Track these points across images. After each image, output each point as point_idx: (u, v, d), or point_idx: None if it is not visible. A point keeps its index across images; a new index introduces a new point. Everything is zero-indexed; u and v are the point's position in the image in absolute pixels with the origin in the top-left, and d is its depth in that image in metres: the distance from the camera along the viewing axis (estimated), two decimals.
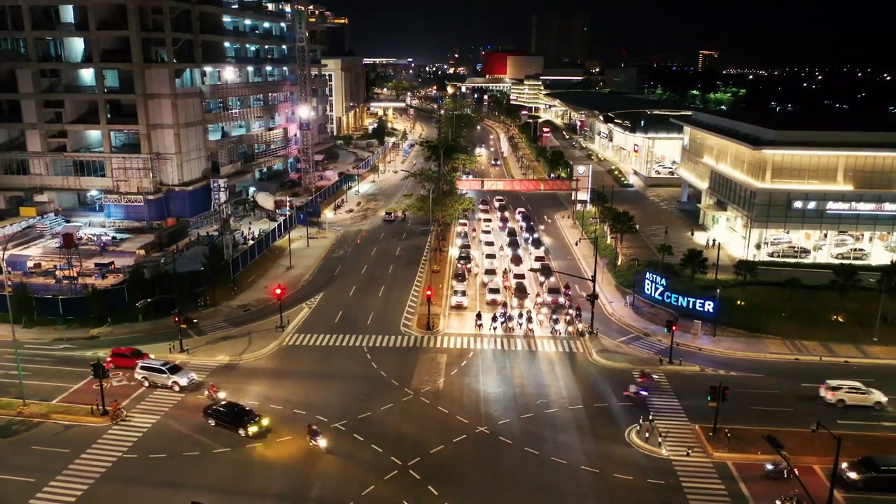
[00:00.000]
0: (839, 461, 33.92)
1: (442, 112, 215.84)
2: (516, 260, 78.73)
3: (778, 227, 78.63)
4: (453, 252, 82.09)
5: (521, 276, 72.72)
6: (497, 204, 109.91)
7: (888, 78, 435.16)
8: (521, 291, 68.32)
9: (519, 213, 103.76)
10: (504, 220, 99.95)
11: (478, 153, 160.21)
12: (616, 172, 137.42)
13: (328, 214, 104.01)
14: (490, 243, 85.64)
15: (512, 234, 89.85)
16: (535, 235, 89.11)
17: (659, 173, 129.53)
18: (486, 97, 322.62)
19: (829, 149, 75.47)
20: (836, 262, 74.12)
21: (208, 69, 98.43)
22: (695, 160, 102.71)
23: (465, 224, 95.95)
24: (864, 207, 75.73)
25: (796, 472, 37.29)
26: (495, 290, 68.70)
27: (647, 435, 43.58)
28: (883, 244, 78.30)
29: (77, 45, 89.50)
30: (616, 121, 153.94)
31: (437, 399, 48.67)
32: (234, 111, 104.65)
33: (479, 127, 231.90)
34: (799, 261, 77.24)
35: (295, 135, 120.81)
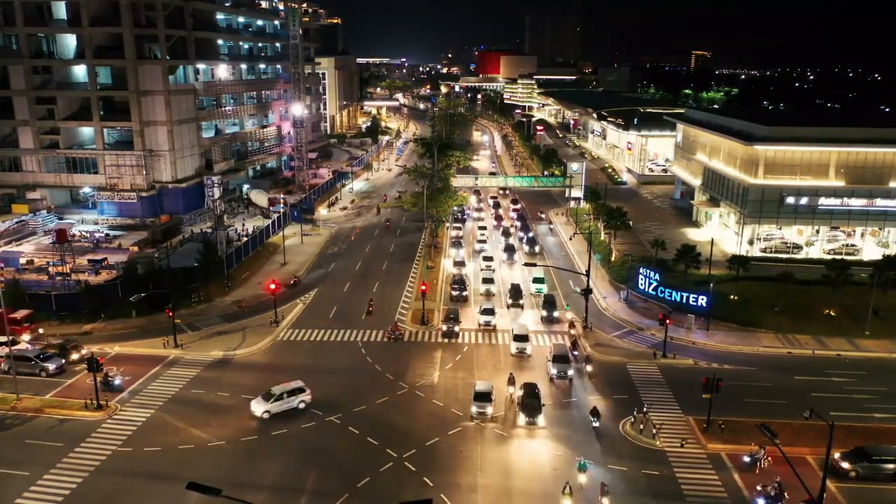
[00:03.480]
0: (831, 451, 34.16)
1: (436, 110, 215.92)
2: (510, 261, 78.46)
3: (770, 223, 79.08)
4: (447, 263, 77.26)
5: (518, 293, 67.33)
6: (491, 202, 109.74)
7: (879, 78, 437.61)
8: (516, 292, 66.35)
9: (513, 210, 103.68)
10: (498, 217, 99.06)
11: (477, 148, 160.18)
12: (610, 170, 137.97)
13: (322, 212, 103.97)
14: (488, 258, 77.70)
15: (510, 249, 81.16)
16: (531, 234, 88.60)
17: (652, 171, 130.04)
18: (479, 96, 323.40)
19: (821, 145, 75.90)
20: (829, 257, 74.60)
21: (201, 66, 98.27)
22: (688, 157, 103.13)
23: (459, 228, 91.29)
24: (856, 203, 76.21)
25: (770, 462, 38.32)
26: (489, 312, 61.53)
27: (641, 427, 43.77)
28: (874, 239, 78.88)
29: (69, 42, 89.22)
30: (609, 119, 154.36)
31: (432, 392, 48.76)
32: (227, 108, 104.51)
33: (473, 127, 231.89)
34: (791, 256, 77.68)
35: (289, 132, 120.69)
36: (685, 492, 37.67)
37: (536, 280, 68.50)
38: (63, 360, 51.76)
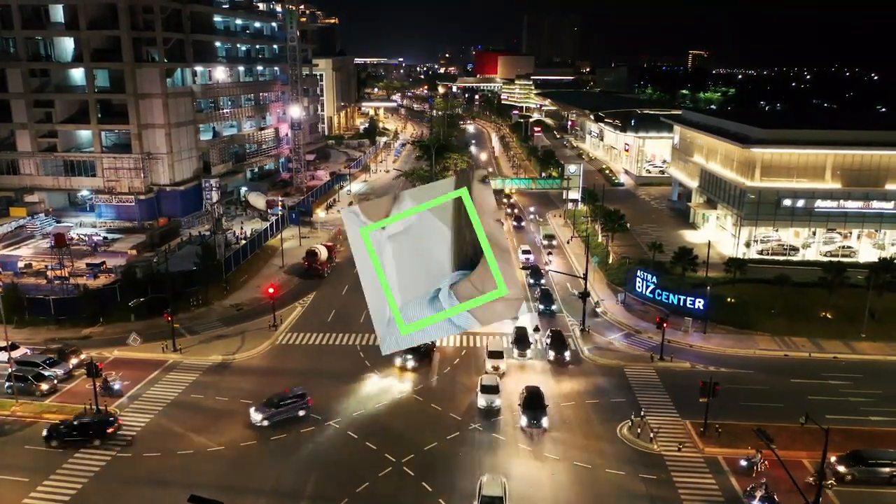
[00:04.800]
0: (827, 455, 34.40)
1: (434, 112, 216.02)
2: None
3: (767, 225, 79.34)
4: None
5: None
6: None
7: (875, 77, 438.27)
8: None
9: (523, 254, 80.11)
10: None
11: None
12: (607, 171, 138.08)
13: (320, 214, 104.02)
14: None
15: (534, 404, 45.81)
16: (556, 328, 59.37)
17: (649, 172, 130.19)
18: (477, 97, 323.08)
19: (817, 147, 76.18)
20: (825, 259, 74.89)
21: (199, 69, 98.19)
22: (685, 159, 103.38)
23: None
24: (852, 205, 76.46)
25: (766, 466, 38.52)
26: (492, 389, 47.42)
27: (638, 431, 43.98)
28: (870, 241, 79.17)
29: (67, 45, 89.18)
30: (607, 120, 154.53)
31: (431, 396, 48.93)
32: (225, 111, 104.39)
33: (471, 128, 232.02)
34: (788, 258, 77.95)
35: (286, 134, 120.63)
36: (682, 496, 37.92)
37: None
38: (71, 366, 51.77)
